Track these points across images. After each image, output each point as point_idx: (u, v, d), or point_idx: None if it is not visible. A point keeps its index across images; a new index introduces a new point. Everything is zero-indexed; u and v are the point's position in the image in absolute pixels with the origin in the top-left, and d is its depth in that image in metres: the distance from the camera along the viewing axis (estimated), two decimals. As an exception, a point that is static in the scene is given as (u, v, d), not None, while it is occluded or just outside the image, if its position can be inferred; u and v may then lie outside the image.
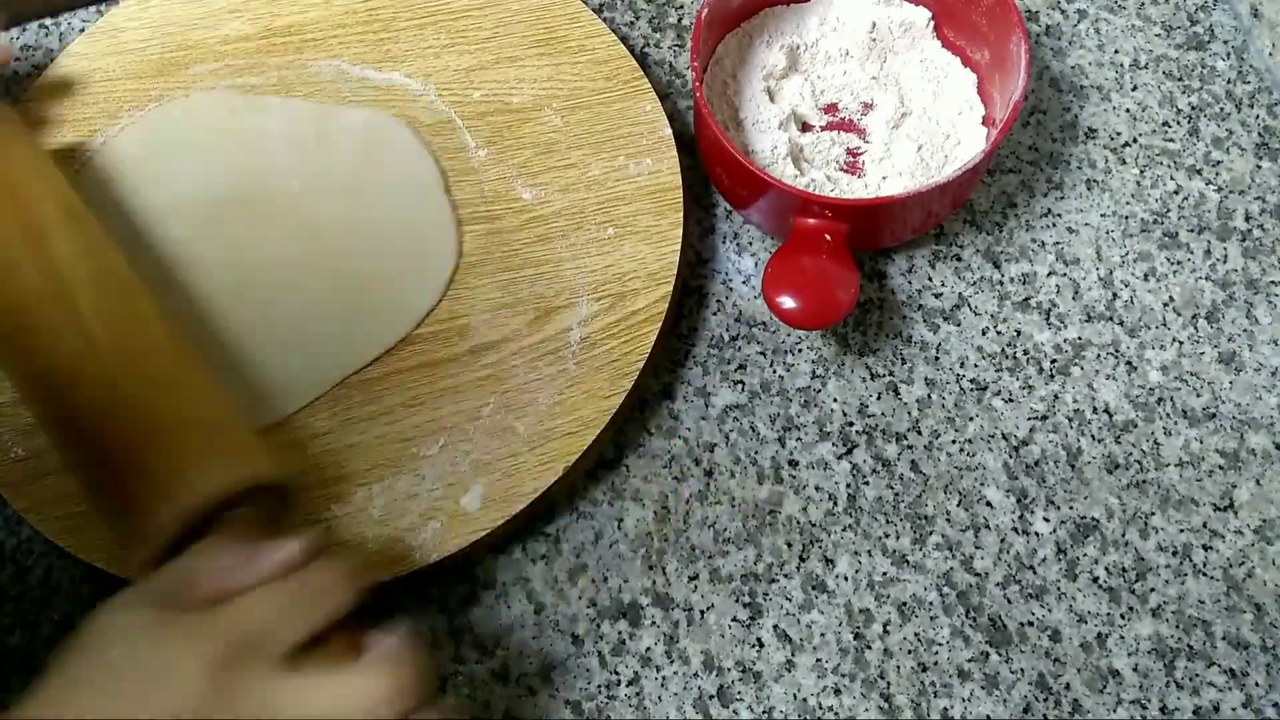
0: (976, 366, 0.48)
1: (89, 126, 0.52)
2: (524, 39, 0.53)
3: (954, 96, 0.51)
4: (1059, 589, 0.44)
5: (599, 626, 0.44)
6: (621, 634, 0.43)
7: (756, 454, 0.46)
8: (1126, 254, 0.50)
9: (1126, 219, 0.51)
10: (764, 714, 0.42)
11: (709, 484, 0.46)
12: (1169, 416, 0.47)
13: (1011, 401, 0.47)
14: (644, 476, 0.46)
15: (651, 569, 0.44)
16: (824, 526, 0.45)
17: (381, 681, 0.33)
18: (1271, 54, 0.53)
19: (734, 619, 0.43)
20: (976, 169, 0.45)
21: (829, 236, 0.45)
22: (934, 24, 0.52)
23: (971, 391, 0.47)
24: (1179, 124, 0.53)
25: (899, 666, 0.42)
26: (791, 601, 0.44)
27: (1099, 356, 0.48)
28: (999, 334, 0.48)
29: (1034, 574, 0.44)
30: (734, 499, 0.45)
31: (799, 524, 0.45)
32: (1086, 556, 0.44)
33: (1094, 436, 0.46)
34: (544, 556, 0.45)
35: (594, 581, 0.44)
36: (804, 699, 0.42)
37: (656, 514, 0.45)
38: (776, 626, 0.43)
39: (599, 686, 0.43)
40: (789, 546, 0.45)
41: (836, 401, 0.47)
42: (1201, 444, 0.46)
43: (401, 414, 0.46)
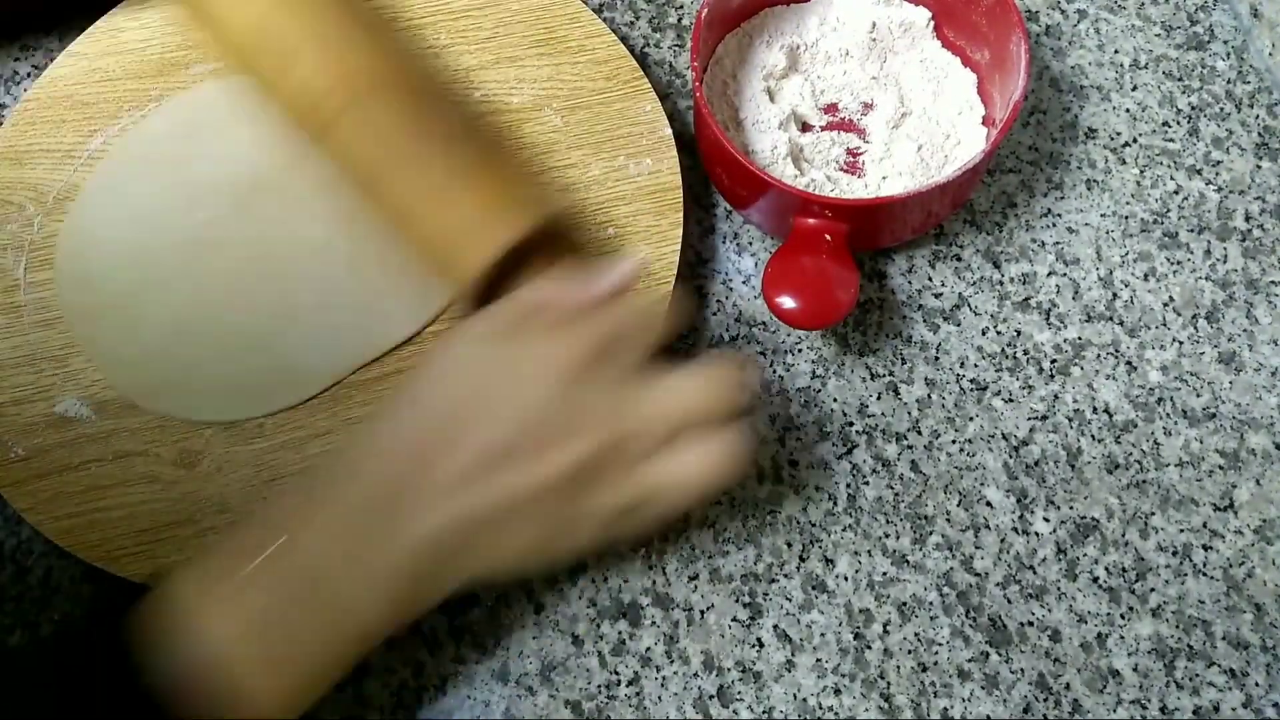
0: (976, 366, 0.48)
1: (89, 127, 0.52)
2: (524, 39, 0.53)
3: (954, 96, 0.51)
4: (1059, 589, 0.44)
5: (599, 626, 0.44)
6: (621, 634, 0.43)
7: (756, 454, 0.46)
8: (1126, 254, 0.50)
9: (1126, 219, 0.51)
10: (764, 714, 0.42)
11: (709, 484, 0.46)
12: (1169, 416, 0.47)
13: (1011, 401, 0.47)
14: (644, 476, 0.46)
15: (651, 569, 0.44)
16: (824, 526, 0.45)
17: (712, 393, 0.38)
18: (1271, 54, 0.53)
19: (734, 619, 0.43)
20: (976, 169, 0.45)
21: (829, 236, 0.45)
22: (934, 24, 0.52)
23: (971, 391, 0.47)
24: (1179, 124, 0.53)
25: (899, 666, 0.42)
26: (791, 601, 0.44)
27: (1099, 356, 0.48)
28: (999, 334, 0.48)
29: (1034, 574, 0.44)
30: (734, 499, 0.45)
31: (799, 524, 0.45)
32: (1086, 556, 0.44)
33: (1094, 436, 0.46)
34: (544, 556, 0.45)
35: (594, 581, 0.44)
36: (804, 699, 0.42)
37: (656, 514, 0.45)
38: (776, 626, 0.43)
39: (599, 686, 0.43)
40: (789, 546, 0.45)
41: (836, 401, 0.47)
42: (1201, 444, 0.46)
43: (402, 414, 0.46)
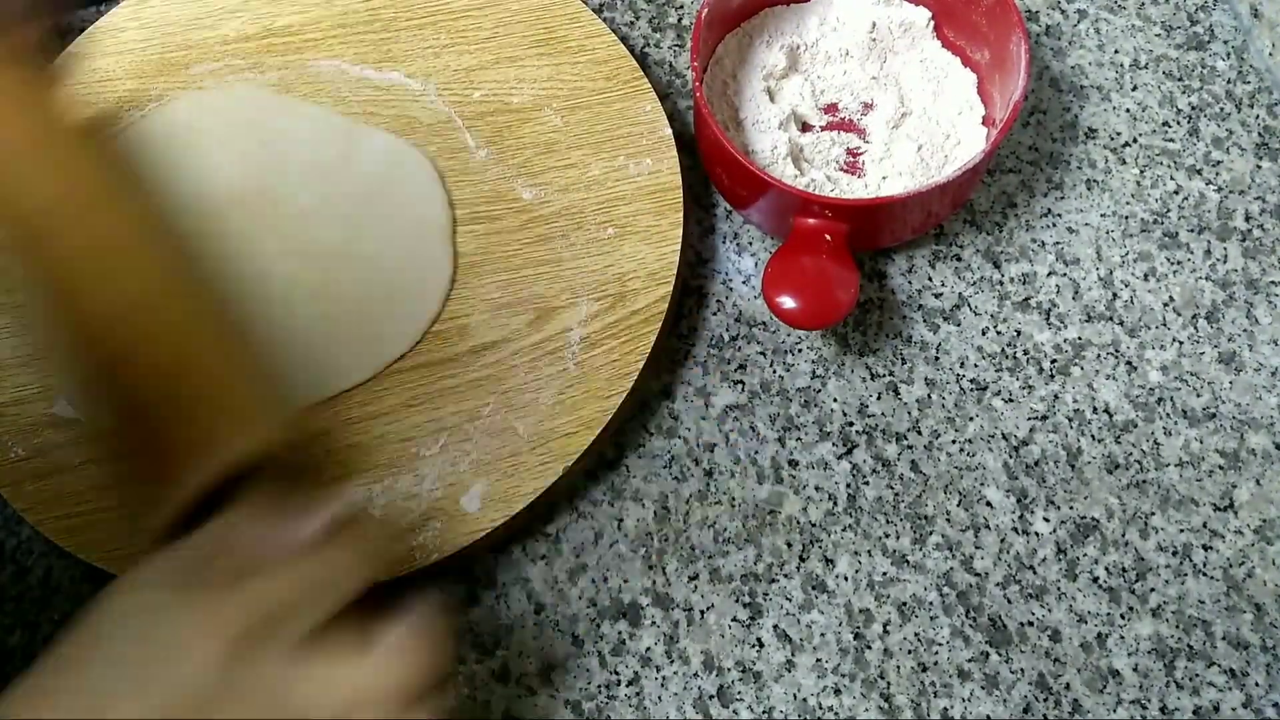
0: (976, 366, 0.48)
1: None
2: (524, 39, 0.53)
3: (954, 96, 0.51)
4: (1059, 589, 0.44)
5: (599, 626, 0.44)
6: (621, 634, 0.43)
7: (756, 454, 0.46)
8: (1126, 254, 0.50)
9: (1126, 219, 0.51)
10: (764, 714, 0.42)
11: (709, 484, 0.46)
12: (1169, 416, 0.47)
13: (1011, 401, 0.47)
14: (644, 476, 0.46)
15: (651, 569, 0.44)
16: (824, 526, 0.45)
17: (395, 673, 0.32)
18: (1271, 54, 0.53)
19: (734, 619, 0.43)
20: (976, 169, 0.45)
21: (829, 236, 0.45)
22: (934, 24, 0.52)
23: (971, 391, 0.47)
24: (1179, 124, 0.53)
25: (899, 666, 0.42)
26: (791, 601, 0.44)
27: (1099, 356, 0.48)
28: (999, 334, 0.48)
29: (1034, 574, 0.44)
30: (734, 499, 0.45)
31: (799, 524, 0.45)
32: (1086, 556, 0.44)
33: (1094, 436, 0.46)
34: (544, 556, 0.45)
35: (594, 581, 0.44)
36: (804, 699, 0.42)
37: (656, 514, 0.45)
38: (776, 626, 0.43)
39: (599, 686, 0.43)
40: (789, 546, 0.45)
41: (836, 401, 0.47)
42: (1201, 444, 0.46)
43: (401, 414, 0.46)
